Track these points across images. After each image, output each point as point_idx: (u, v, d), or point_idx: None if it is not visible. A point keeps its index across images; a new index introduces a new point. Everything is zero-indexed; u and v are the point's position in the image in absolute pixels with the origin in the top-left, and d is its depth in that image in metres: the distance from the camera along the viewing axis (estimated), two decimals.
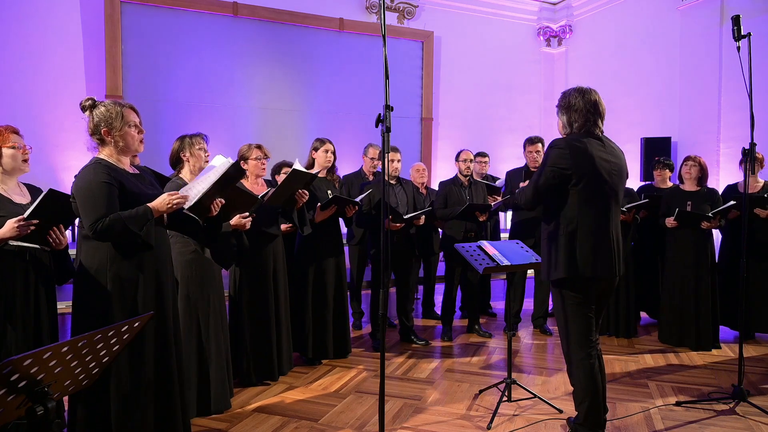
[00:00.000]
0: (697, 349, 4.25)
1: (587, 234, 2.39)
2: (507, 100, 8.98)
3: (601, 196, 2.41)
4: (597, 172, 2.39)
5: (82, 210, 2.19)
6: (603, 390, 2.53)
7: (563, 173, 2.39)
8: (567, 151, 2.39)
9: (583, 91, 2.50)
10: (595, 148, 2.42)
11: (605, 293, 2.55)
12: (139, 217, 2.18)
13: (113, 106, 2.29)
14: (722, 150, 7.20)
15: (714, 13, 7.20)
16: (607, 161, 2.43)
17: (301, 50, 7.53)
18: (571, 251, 2.39)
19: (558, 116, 2.59)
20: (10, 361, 1.22)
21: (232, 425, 2.87)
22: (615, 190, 2.46)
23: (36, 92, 6.24)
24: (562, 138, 2.49)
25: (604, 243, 2.41)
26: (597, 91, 2.52)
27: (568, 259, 2.39)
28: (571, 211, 2.41)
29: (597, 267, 2.39)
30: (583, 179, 2.38)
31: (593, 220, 2.40)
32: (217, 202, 2.54)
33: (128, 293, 2.24)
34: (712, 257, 4.34)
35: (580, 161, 2.38)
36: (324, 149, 3.96)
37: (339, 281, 3.96)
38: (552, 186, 2.43)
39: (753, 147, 3.08)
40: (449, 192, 4.63)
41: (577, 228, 2.39)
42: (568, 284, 2.44)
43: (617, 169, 2.47)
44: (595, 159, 2.39)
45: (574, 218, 2.40)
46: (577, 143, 2.41)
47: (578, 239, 2.39)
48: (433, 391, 3.41)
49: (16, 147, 2.44)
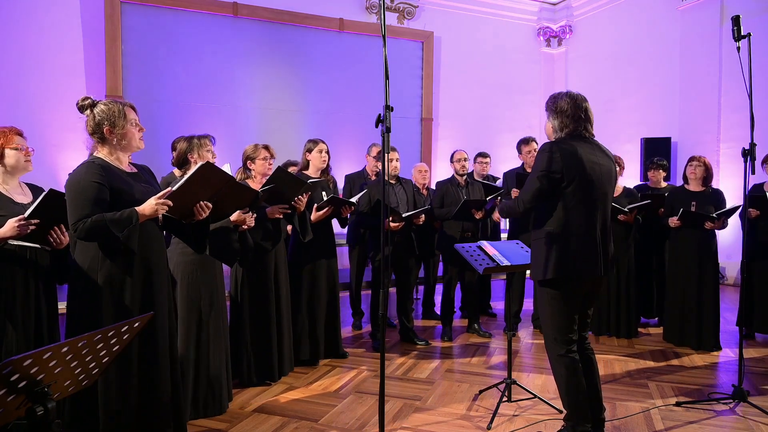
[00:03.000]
0: (698, 349, 4.25)
1: (575, 235, 2.44)
2: (507, 100, 8.98)
3: (590, 198, 2.45)
4: (587, 174, 2.43)
5: (68, 208, 2.18)
6: (594, 387, 2.56)
7: (553, 177, 2.43)
8: (557, 154, 2.42)
9: (573, 96, 2.54)
10: (584, 150, 2.46)
11: (591, 293, 2.60)
12: (123, 220, 2.13)
13: (114, 105, 2.28)
14: (722, 150, 7.20)
15: (714, 13, 7.20)
16: (597, 163, 2.47)
17: (301, 50, 7.53)
18: (560, 252, 2.43)
19: (548, 119, 2.62)
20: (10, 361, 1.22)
21: (232, 425, 2.87)
22: (604, 192, 2.50)
23: (36, 92, 6.24)
24: (552, 141, 2.52)
25: (591, 244, 2.45)
26: (586, 97, 2.56)
27: (558, 260, 2.43)
28: (560, 212, 2.45)
29: (583, 268, 2.44)
30: (573, 182, 2.42)
31: (581, 222, 2.44)
32: (203, 206, 2.38)
33: (118, 292, 2.22)
34: (714, 258, 4.33)
35: (570, 164, 2.41)
36: (318, 150, 3.94)
37: (331, 284, 3.95)
38: (545, 191, 2.47)
39: (753, 147, 3.08)
40: (446, 192, 4.63)
41: (565, 230, 2.44)
42: (555, 284, 2.48)
43: (606, 171, 2.51)
44: (584, 162, 2.43)
45: (563, 220, 2.44)
46: (566, 146, 2.45)
47: (567, 241, 2.43)
48: (433, 392, 3.41)
49: (19, 148, 2.45)
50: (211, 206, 2.43)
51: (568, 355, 2.51)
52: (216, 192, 2.43)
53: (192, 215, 2.40)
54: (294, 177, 3.42)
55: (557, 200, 2.45)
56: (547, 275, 2.46)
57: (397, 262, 4.48)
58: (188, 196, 2.31)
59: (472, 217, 4.54)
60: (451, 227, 4.58)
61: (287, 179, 3.32)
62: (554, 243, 2.44)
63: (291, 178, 3.36)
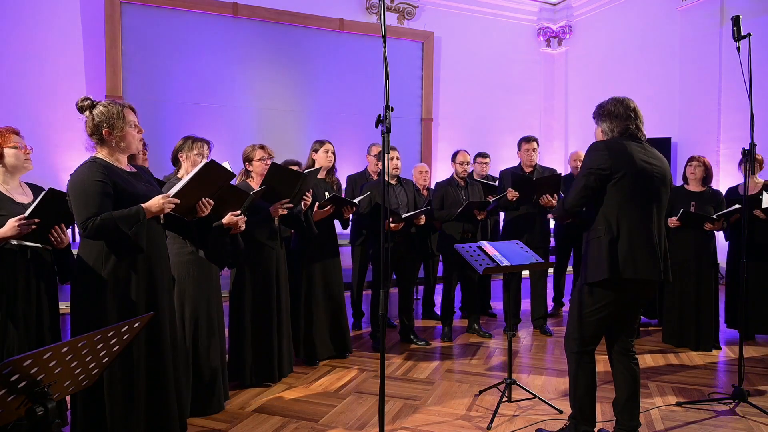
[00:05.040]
0: (697, 349, 4.25)
1: (629, 233, 2.35)
2: (507, 101, 8.98)
3: (641, 194, 2.37)
4: (637, 169, 2.35)
5: (74, 208, 2.19)
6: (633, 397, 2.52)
7: (602, 174, 2.36)
8: (604, 152, 2.37)
9: (620, 99, 2.49)
10: (634, 149, 2.39)
11: (642, 296, 2.51)
12: (130, 217, 2.16)
13: (113, 106, 2.28)
14: (722, 150, 7.20)
15: (714, 13, 7.20)
16: (649, 163, 2.40)
17: (302, 51, 7.53)
18: (614, 252, 2.35)
19: (598, 125, 2.56)
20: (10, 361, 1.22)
21: (232, 425, 2.87)
22: (657, 193, 2.42)
23: (36, 92, 6.24)
24: (600, 141, 2.48)
25: (648, 244, 2.36)
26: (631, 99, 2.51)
27: (611, 260, 2.34)
28: (611, 210, 2.38)
29: (638, 268, 2.34)
30: (623, 177, 2.35)
31: (635, 220, 2.36)
32: (205, 203, 2.42)
33: (122, 291, 2.24)
34: (713, 258, 4.33)
35: (618, 159, 2.35)
36: (324, 150, 3.97)
37: (335, 283, 3.96)
38: (593, 189, 2.41)
39: (753, 147, 3.08)
40: (445, 193, 4.62)
41: (619, 228, 2.36)
42: (606, 284, 2.39)
43: (660, 172, 2.43)
44: (634, 158, 2.36)
45: (615, 218, 2.37)
46: (614, 144, 2.40)
47: (620, 239, 2.35)
48: (433, 392, 3.41)
49: (17, 147, 2.45)
50: (213, 203, 2.46)
51: (583, 355, 2.48)
52: (217, 190, 2.47)
53: (194, 212, 2.43)
54: (288, 170, 3.40)
55: (607, 198, 2.38)
56: (603, 275, 2.35)
57: (397, 262, 4.48)
58: (193, 193, 2.34)
59: (474, 218, 4.53)
60: (451, 228, 4.57)
61: (282, 174, 3.31)
62: (610, 243, 2.35)
63: (286, 171, 3.35)
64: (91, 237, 2.18)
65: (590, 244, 2.44)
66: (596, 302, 2.43)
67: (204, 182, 2.35)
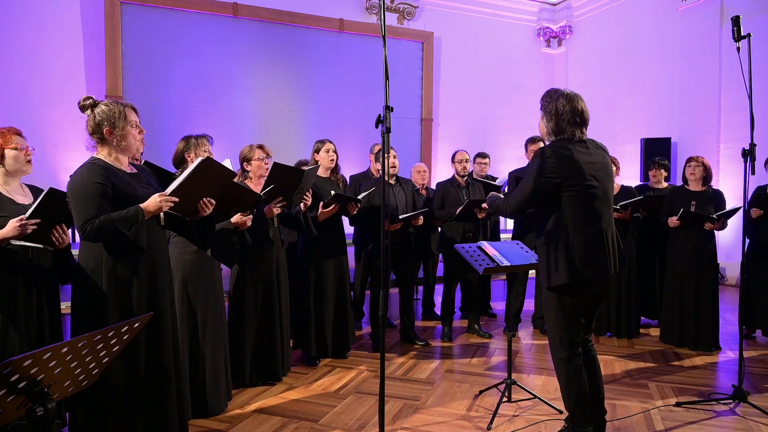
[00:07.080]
0: (696, 349, 4.25)
1: (582, 238, 2.41)
2: (507, 101, 8.98)
3: (590, 198, 2.44)
4: (584, 177, 2.41)
5: (73, 211, 2.18)
6: (597, 388, 2.56)
7: (552, 182, 2.41)
8: (554, 160, 2.40)
9: (570, 97, 2.48)
10: (580, 153, 2.44)
11: (600, 294, 2.58)
12: (129, 218, 2.15)
13: (115, 106, 2.27)
14: (722, 150, 7.20)
15: (714, 13, 7.20)
16: (593, 163, 2.46)
17: (301, 51, 7.53)
18: (569, 256, 2.41)
19: (541, 117, 2.56)
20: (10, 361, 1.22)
21: (232, 426, 2.87)
22: (604, 190, 2.49)
23: (36, 92, 6.24)
24: (548, 146, 2.50)
25: (599, 245, 2.43)
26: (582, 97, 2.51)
27: (568, 264, 2.40)
28: (563, 217, 2.43)
29: (595, 269, 2.41)
30: (573, 186, 2.41)
31: (586, 224, 2.42)
32: (206, 202, 2.40)
33: (123, 292, 2.23)
34: (713, 258, 4.33)
35: (567, 168, 2.40)
36: (325, 149, 3.98)
37: (341, 280, 3.97)
38: (541, 196, 2.45)
39: (753, 147, 3.08)
40: (446, 193, 4.62)
41: (571, 233, 2.42)
42: (564, 289, 2.46)
43: (603, 168, 2.49)
44: (581, 164, 2.42)
45: (567, 224, 2.42)
46: (563, 150, 2.43)
47: (574, 244, 2.41)
48: (433, 392, 3.41)
49: (18, 148, 2.45)
50: (215, 203, 2.44)
51: (572, 358, 2.50)
52: (219, 189, 2.44)
53: (196, 212, 2.41)
54: (291, 167, 3.41)
55: (558, 205, 2.43)
56: (556, 281, 2.43)
57: (396, 262, 4.48)
58: (191, 191, 2.32)
59: (475, 218, 4.53)
60: (451, 228, 4.57)
61: (285, 172, 3.31)
62: (561, 248, 2.41)
63: (288, 169, 3.35)
64: (90, 239, 2.17)
65: (546, 248, 2.47)
66: (566, 303, 2.47)
67: (203, 180, 2.33)
